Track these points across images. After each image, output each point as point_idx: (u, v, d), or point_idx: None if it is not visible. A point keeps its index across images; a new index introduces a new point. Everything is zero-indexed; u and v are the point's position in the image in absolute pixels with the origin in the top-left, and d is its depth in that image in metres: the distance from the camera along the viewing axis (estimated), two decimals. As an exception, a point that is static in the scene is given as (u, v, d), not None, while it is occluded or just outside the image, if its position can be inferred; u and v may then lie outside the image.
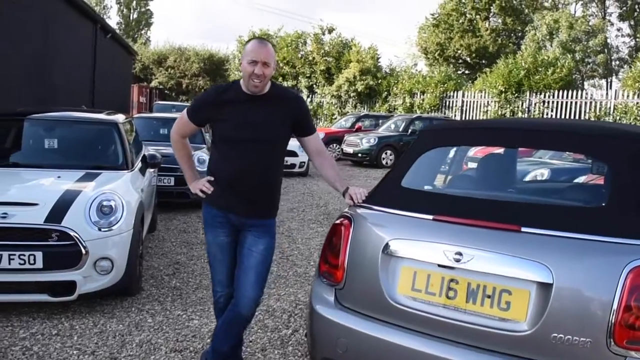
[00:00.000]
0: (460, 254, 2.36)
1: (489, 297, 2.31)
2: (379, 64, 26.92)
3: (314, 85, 27.54)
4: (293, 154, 13.52)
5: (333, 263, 2.80)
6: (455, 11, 34.96)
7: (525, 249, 2.27)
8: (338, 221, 2.87)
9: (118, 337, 4.08)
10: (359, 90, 25.33)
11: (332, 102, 26.62)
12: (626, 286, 2.08)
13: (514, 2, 35.04)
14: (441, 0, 35.88)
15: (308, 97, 27.41)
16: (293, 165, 13.71)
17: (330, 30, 28.07)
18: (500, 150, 3.55)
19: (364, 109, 25.46)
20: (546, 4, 36.95)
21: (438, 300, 2.43)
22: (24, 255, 4.17)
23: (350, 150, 18.06)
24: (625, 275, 2.08)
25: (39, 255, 4.19)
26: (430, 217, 2.56)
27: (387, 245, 2.59)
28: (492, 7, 34.79)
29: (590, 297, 2.15)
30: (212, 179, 3.16)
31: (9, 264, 4.15)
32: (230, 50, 32.16)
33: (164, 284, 5.30)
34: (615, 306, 2.08)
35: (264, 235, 3.16)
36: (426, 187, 3.15)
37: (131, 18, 53.31)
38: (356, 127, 20.38)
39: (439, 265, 2.43)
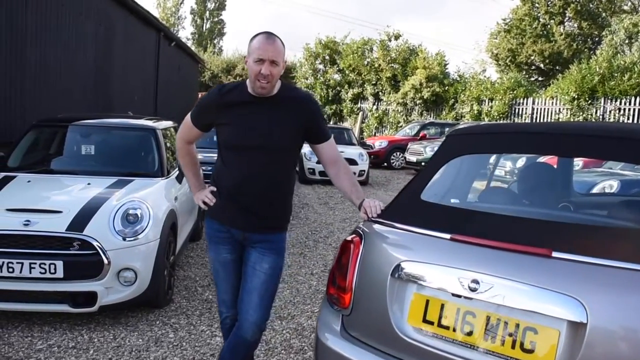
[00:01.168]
0: (477, 281, 1.97)
1: (510, 335, 1.91)
2: (446, 70, 26.16)
3: (380, 93, 27.04)
4: (353, 162, 13.18)
5: (341, 285, 2.45)
6: (528, 16, 33.67)
7: (555, 279, 1.84)
8: (349, 238, 2.52)
9: (134, 353, 3.88)
10: (425, 97, 24.61)
11: (397, 110, 26.04)
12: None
13: (591, 5, 33.42)
14: (513, 5, 34.75)
15: (374, 104, 27.00)
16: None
17: (397, 37, 27.48)
18: (547, 159, 3.11)
19: (431, 116, 24.77)
20: (625, 7, 35.11)
21: (452, 335, 2.04)
22: (45, 264, 4.05)
23: (413, 158, 17.50)
24: None
25: (59, 264, 4.07)
26: (448, 236, 2.17)
27: (397, 268, 2.22)
28: (567, 11, 33.28)
29: (633, 341, 1.72)
30: (215, 189, 2.87)
31: (30, 272, 4.04)
32: (297, 58, 31.98)
33: (195, 296, 5.09)
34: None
35: (270, 253, 2.82)
36: (452, 201, 2.74)
37: (204, 28, 54.19)
38: (421, 135, 19.80)
39: (454, 295, 2.05)
